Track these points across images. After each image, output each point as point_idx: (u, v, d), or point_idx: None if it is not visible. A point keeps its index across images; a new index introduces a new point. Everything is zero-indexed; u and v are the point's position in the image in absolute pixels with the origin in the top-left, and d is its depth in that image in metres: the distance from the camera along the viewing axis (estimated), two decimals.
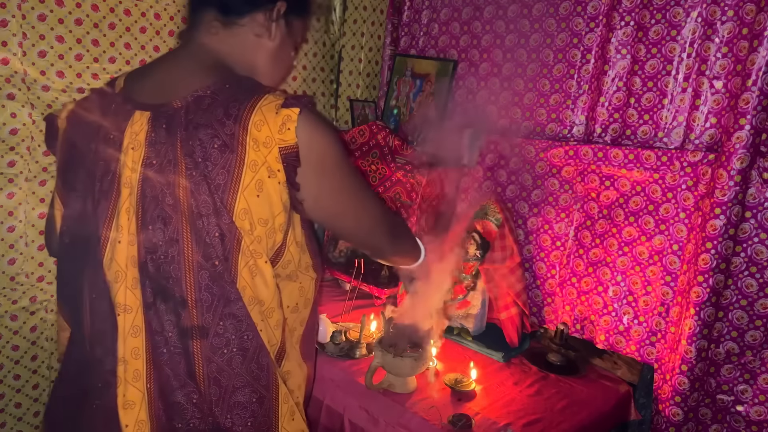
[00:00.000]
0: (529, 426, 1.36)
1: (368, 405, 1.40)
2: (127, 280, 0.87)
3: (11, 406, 1.62)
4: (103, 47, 1.55)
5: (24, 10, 1.40)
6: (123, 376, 0.88)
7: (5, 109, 1.43)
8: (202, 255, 0.84)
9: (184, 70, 0.92)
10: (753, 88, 1.31)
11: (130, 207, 0.86)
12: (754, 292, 1.39)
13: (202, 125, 0.83)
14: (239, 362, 0.88)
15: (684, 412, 1.45)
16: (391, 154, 1.95)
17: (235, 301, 0.86)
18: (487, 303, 1.80)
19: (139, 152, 0.86)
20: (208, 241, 0.83)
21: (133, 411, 0.88)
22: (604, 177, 1.65)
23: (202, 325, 0.86)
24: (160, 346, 0.87)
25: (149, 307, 0.86)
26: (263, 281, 0.88)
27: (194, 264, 0.84)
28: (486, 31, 1.94)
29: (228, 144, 0.82)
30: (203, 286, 0.85)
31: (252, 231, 0.85)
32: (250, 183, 0.83)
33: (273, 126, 0.82)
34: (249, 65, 0.97)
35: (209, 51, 0.94)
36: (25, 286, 1.56)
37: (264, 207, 0.85)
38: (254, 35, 0.96)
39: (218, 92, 0.85)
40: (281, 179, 0.85)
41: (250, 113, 0.82)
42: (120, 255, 0.87)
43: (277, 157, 0.83)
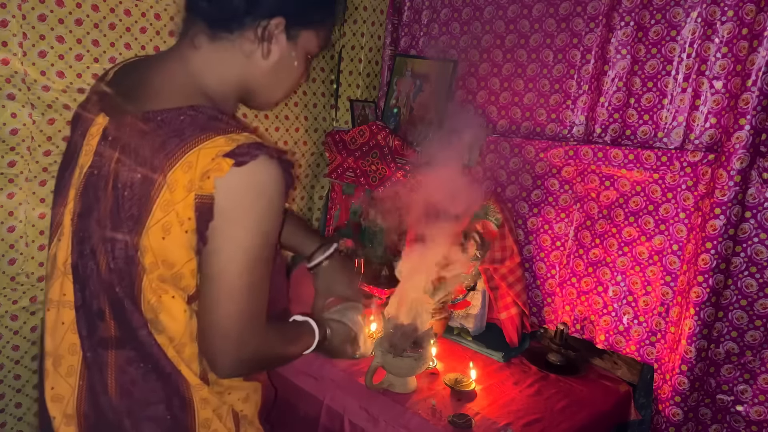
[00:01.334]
0: (529, 426, 1.36)
1: (368, 405, 1.40)
2: (64, 277, 0.87)
3: (11, 406, 1.62)
4: (103, 47, 1.55)
5: (24, 10, 1.40)
6: (50, 368, 0.88)
7: (5, 109, 1.43)
8: (113, 275, 0.83)
9: (154, 84, 0.86)
10: (753, 89, 1.31)
11: (71, 209, 0.87)
12: (754, 292, 1.39)
13: (134, 150, 0.80)
14: (154, 378, 0.86)
15: (684, 412, 1.45)
16: (391, 154, 1.95)
17: (139, 327, 0.84)
18: (487, 303, 1.80)
19: (88, 158, 0.85)
20: (113, 266, 0.82)
21: (61, 404, 0.88)
22: (604, 177, 1.65)
23: (117, 337, 0.85)
24: (85, 348, 0.87)
25: (77, 310, 0.87)
26: (170, 317, 0.83)
27: (106, 282, 0.84)
28: (486, 31, 1.94)
29: (148, 178, 0.78)
30: (116, 301, 0.84)
31: (155, 269, 0.81)
32: (157, 224, 0.79)
33: (199, 171, 0.76)
34: (236, 83, 0.90)
35: (187, 66, 0.87)
36: (25, 286, 1.56)
37: (168, 251, 0.80)
38: (242, 53, 0.87)
39: (166, 122, 0.80)
40: (190, 228, 0.78)
41: (185, 152, 0.77)
42: (61, 252, 0.88)
43: (191, 204, 0.77)
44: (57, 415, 0.88)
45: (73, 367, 0.87)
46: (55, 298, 0.88)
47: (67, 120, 1.52)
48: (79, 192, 0.86)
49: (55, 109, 1.50)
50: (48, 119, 1.49)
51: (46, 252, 1.56)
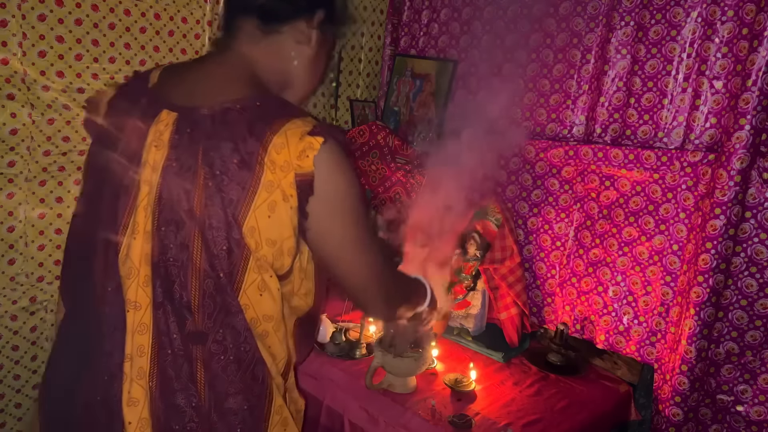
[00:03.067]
0: (529, 426, 1.36)
1: (368, 405, 1.40)
2: (139, 277, 0.87)
3: (11, 406, 1.62)
4: (103, 47, 1.55)
5: (24, 10, 1.40)
6: (129, 372, 0.87)
7: (5, 109, 1.43)
8: (209, 264, 0.84)
9: (217, 78, 0.92)
10: (753, 88, 1.31)
11: (147, 205, 0.87)
12: (754, 292, 1.39)
13: (224, 138, 0.83)
14: (234, 370, 0.88)
15: (684, 412, 1.45)
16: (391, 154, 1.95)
17: (235, 313, 0.87)
18: (487, 303, 1.80)
19: (162, 152, 0.86)
20: (215, 252, 0.84)
21: (137, 408, 0.87)
22: (604, 177, 1.65)
23: (202, 331, 0.86)
24: (165, 346, 0.87)
25: (158, 307, 0.87)
26: (270, 296, 0.88)
27: (201, 272, 0.85)
28: (486, 31, 1.94)
29: (246, 162, 0.82)
30: (207, 293, 0.86)
31: (258, 249, 0.85)
32: (263, 203, 0.83)
33: (293, 151, 0.83)
34: (285, 74, 0.97)
35: (246, 60, 0.94)
36: (25, 286, 1.56)
37: (273, 228, 0.85)
38: (295, 42, 0.95)
39: (246, 108, 0.85)
40: (293, 204, 0.84)
41: (273, 135, 0.83)
42: (135, 252, 0.87)
43: (292, 182, 0.83)
44: (133, 420, 0.87)
45: (143, 369, 0.87)
46: (131, 299, 0.88)
47: (66, 120, 1.52)
48: (157, 186, 0.86)
49: (55, 109, 1.50)
50: (48, 119, 1.49)
51: (45, 252, 1.57)
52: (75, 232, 1.00)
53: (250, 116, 0.84)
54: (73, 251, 1.00)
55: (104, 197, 0.91)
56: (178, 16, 1.68)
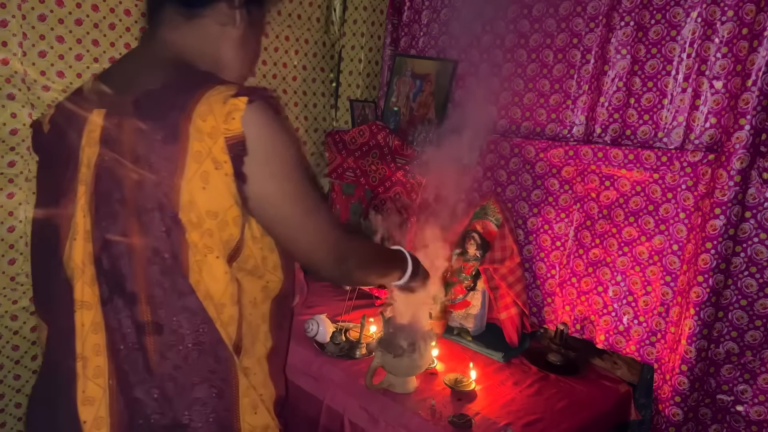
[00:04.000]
0: (529, 426, 1.36)
1: (368, 405, 1.40)
2: (84, 276, 0.87)
3: (11, 406, 1.62)
4: (103, 47, 1.55)
5: (24, 10, 1.40)
6: (81, 372, 0.87)
7: (5, 109, 1.43)
8: (151, 250, 0.84)
9: (141, 67, 0.91)
10: (753, 88, 1.31)
11: (84, 204, 0.87)
12: (754, 292, 1.39)
13: (147, 118, 0.83)
14: (195, 357, 0.87)
15: (684, 412, 1.45)
16: (391, 154, 1.95)
17: (187, 294, 0.85)
18: (487, 303, 1.80)
19: (94, 150, 0.87)
20: (155, 234, 0.83)
21: (93, 407, 0.87)
22: (604, 177, 1.65)
23: (156, 322, 0.85)
24: (117, 342, 0.86)
25: (105, 303, 0.86)
26: (212, 277, 0.87)
27: (143, 259, 0.84)
28: (486, 31, 1.94)
29: (171, 135, 0.81)
30: (154, 281, 0.84)
31: (200, 224, 0.83)
32: (195, 175, 0.82)
33: (219, 116, 0.81)
34: (214, 57, 0.96)
35: (171, 47, 0.93)
36: (25, 286, 1.56)
37: (211, 199, 0.83)
38: (218, 25, 0.94)
39: (169, 85, 0.85)
40: (228, 171, 0.82)
41: (196, 104, 0.81)
42: (77, 252, 0.87)
43: (223, 147, 0.81)
44: (88, 419, 0.87)
45: (100, 368, 0.87)
46: (78, 299, 0.87)
47: None
48: (92, 184, 0.86)
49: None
50: None
51: None
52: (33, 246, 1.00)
53: (173, 92, 0.84)
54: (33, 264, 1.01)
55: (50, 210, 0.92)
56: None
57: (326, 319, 1.64)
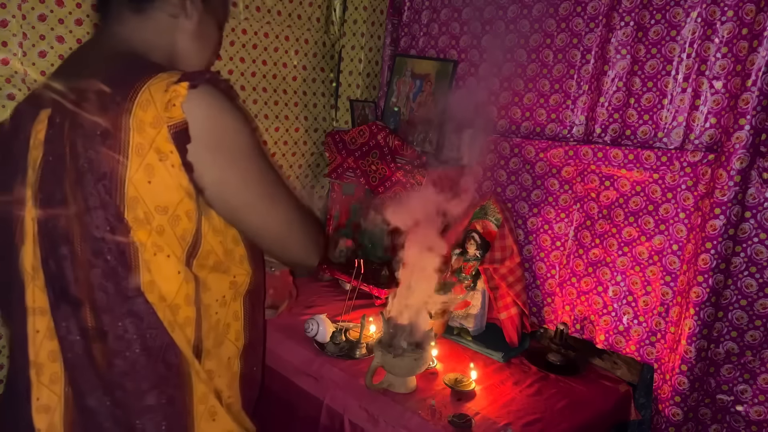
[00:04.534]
0: (529, 426, 1.36)
1: (368, 405, 1.40)
2: (36, 281, 0.84)
3: None
4: None
5: (24, 10, 1.40)
6: (36, 379, 0.84)
7: (5, 109, 1.43)
8: (92, 252, 0.79)
9: (89, 63, 0.87)
10: (753, 89, 1.31)
11: (31, 208, 0.83)
12: (754, 292, 1.40)
13: (87, 113, 0.78)
14: (144, 363, 0.83)
15: (684, 412, 1.45)
16: (391, 154, 1.95)
17: (133, 298, 0.81)
18: (487, 303, 1.80)
19: (38, 151, 0.83)
20: (97, 235, 0.78)
21: (47, 415, 0.85)
22: (603, 177, 1.65)
23: (100, 328, 0.81)
24: (66, 349, 0.83)
25: (54, 309, 0.83)
26: (164, 277, 0.82)
27: (85, 262, 0.80)
28: (486, 31, 1.94)
29: (109, 130, 0.76)
30: (96, 285, 0.80)
31: (149, 221, 0.78)
32: (138, 169, 0.77)
33: (159, 104, 0.76)
34: (168, 51, 0.92)
35: (121, 41, 0.88)
36: None
37: (159, 194, 0.78)
38: (169, 16, 0.90)
39: (109, 79, 0.80)
40: (175, 162, 0.77)
41: (136, 94, 0.76)
42: (26, 258, 0.84)
43: (167, 137, 0.76)
44: (42, 427, 0.85)
45: (57, 374, 0.84)
46: (29, 306, 0.85)
47: None
48: (37, 187, 0.83)
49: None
50: None
51: None
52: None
53: (113, 85, 0.79)
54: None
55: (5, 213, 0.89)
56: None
57: (326, 319, 1.64)
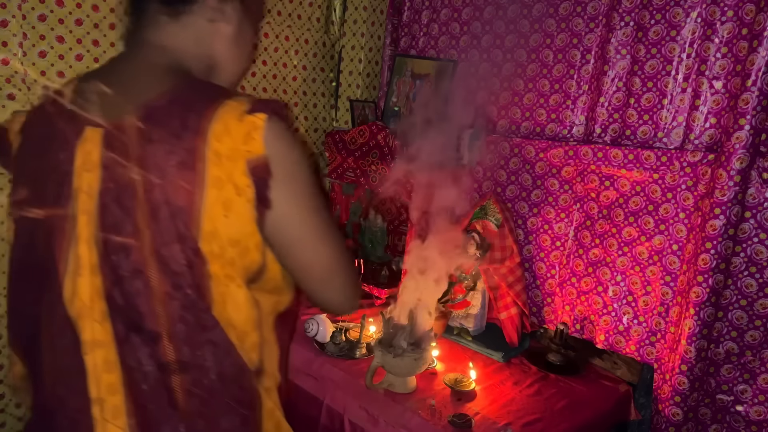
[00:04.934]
0: (529, 426, 1.36)
1: (368, 405, 1.40)
2: (93, 314, 0.79)
3: (11, 406, 1.62)
4: (103, 47, 1.55)
5: (24, 10, 1.40)
6: (100, 416, 0.80)
7: (5, 109, 1.43)
8: (171, 285, 0.77)
9: (135, 78, 0.82)
10: (753, 89, 1.31)
11: (89, 236, 0.78)
12: (754, 292, 1.40)
13: (156, 141, 0.75)
14: (220, 389, 0.82)
15: (684, 412, 1.45)
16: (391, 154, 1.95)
17: (212, 328, 0.80)
18: (487, 303, 1.80)
19: (94, 175, 0.77)
20: (175, 269, 0.76)
21: None
22: (603, 177, 1.65)
23: (180, 360, 0.79)
24: (139, 382, 0.79)
25: (122, 342, 0.79)
26: (236, 307, 0.81)
27: (163, 295, 0.77)
28: (486, 31, 1.94)
29: (186, 160, 0.73)
30: (176, 317, 0.78)
31: (222, 254, 0.77)
32: (216, 203, 0.74)
33: (237, 136, 0.74)
34: (208, 57, 0.88)
35: (161, 50, 0.84)
36: None
37: (233, 227, 0.76)
38: (207, 21, 0.86)
39: (174, 101, 0.77)
40: (250, 197, 0.75)
41: (210, 123, 0.74)
42: (83, 289, 0.78)
43: (245, 171, 0.74)
44: None
45: (118, 408, 0.80)
46: (87, 339, 0.79)
47: None
48: (97, 215, 0.77)
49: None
50: None
51: None
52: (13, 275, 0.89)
53: (179, 109, 0.76)
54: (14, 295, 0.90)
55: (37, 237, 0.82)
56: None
57: (326, 319, 1.64)
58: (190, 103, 0.77)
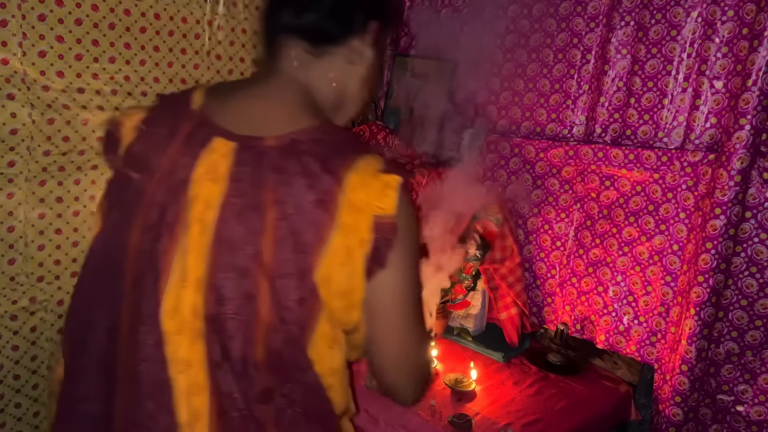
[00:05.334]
0: (529, 426, 1.36)
1: (368, 405, 1.40)
2: (192, 331, 0.75)
3: (11, 406, 1.62)
4: (103, 47, 1.55)
5: (24, 10, 1.40)
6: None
7: (5, 109, 1.43)
8: (279, 317, 0.74)
9: (273, 105, 0.82)
10: (753, 88, 1.31)
11: (200, 247, 0.74)
12: (755, 292, 1.39)
13: (297, 174, 0.74)
14: (304, 423, 0.80)
15: (684, 412, 1.45)
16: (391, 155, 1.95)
17: (306, 369, 0.78)
18: (487, 303, 1.80)
19: (219, 187, 0.75)
20: (285, 303, 0.74)
21: None
22: (604, 177, 1.65)
23: (269, 388, 0.77)
24: (228, 409, 0.76)
25: (217, 366, 0.75)
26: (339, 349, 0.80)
27: (268, 325, 0.74)
28: (486, 31, 1.94)
29: (323, 201, 0.73)
30: (273, 349, 0.75)
31: (329, 302, 0.75)
32: (339, 249, 0.73)
33: (372, 191, 0.74)
34: (340, 94, 0.89)
35: (299, 85, 0.85)
36: (25, 286, 1.56)
37: (346, 278, 0.75)
38: (347, 62, 0.87)
39: (316, 141, 0.77)
40: (367, 251, 0.74)
41: (348, 172, 0.74)
42: (186, 303, 0.74)
43: (370, 226, 0.74)
44: None
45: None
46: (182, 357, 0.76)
47: (66, 120, 1.52)
48: (215, 227, 0.74)
49: (55, 109, 1.50)
50: (47, 119, 1.49)
51: (45, 252, 1.56)
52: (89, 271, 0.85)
53: (322, 150, 0.76)
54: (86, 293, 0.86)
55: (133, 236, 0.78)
56: (178, 15, 1.68)
57: None
58: (331, 148, 0.77)
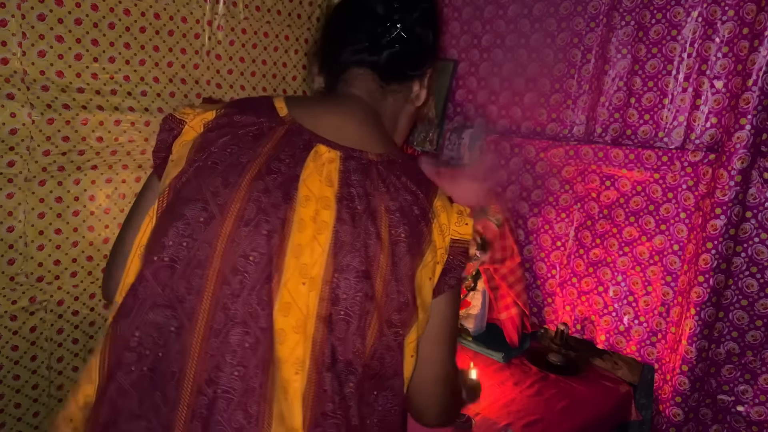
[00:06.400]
0: (529, 426, 1.36)
1: None
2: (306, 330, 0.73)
3: (11, 406, 1.62)
4: (102, 47, 1.55)
5: (23, 9, 1.39)
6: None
7: (5, 109, 1.42)
8: (386, 322, 0.75)
9: (360, 125, 0.85)
10: (753, 88, 1.31)
11: (316, 247, 0.74)
12: (755, 292, 1.39)
13: (402, 188, 0.79)
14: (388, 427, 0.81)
15: (684, 412, 1.45)
16: None
17: (396, 376, 0.79)
18: (487, 303, 1.79)
19: (332, 190, 0.76)
20: (393, 307, 0.76)
21: None
22: (604, 177, 1.65)
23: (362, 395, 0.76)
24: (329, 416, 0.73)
25: (327, 369, 0.73)
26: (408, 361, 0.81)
27: (377, 330, 0.75)
28: (486, 31, 1.94)
29: (423, 215, 0.79)
30: (377, 355, 0.76)
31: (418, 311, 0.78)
32: (428, 264, 0.78)
33: (451, 216, 0.81)
34: (392, 125, 0.95)
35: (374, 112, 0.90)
36: (25, 286, 1.56)
37: (429, 292, 0.79)
38: (404, 100, 0.94)
39: (405, 165, 0.83)
40: (438, 272, 0.80)
41: (435, 196, 0.81)
42: (301, 300, 0.73)
43: (447, 247, 0.80)
44: None
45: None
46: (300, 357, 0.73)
47: (66, 119, 1.52)
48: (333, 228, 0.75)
49: (55, 109, 1.50)
50: (47, 119, 1.49)
51: (45, 252, 1.56)
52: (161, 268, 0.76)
53: (412, 172, 0.83)
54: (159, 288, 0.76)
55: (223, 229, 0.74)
56: (177, 15, 1.68)
57: None
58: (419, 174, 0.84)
